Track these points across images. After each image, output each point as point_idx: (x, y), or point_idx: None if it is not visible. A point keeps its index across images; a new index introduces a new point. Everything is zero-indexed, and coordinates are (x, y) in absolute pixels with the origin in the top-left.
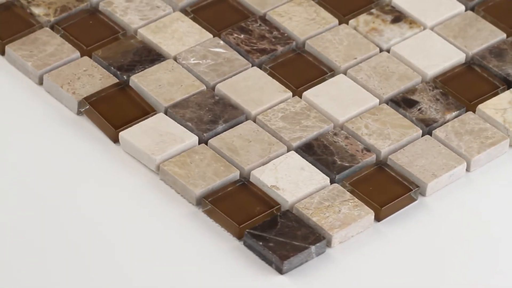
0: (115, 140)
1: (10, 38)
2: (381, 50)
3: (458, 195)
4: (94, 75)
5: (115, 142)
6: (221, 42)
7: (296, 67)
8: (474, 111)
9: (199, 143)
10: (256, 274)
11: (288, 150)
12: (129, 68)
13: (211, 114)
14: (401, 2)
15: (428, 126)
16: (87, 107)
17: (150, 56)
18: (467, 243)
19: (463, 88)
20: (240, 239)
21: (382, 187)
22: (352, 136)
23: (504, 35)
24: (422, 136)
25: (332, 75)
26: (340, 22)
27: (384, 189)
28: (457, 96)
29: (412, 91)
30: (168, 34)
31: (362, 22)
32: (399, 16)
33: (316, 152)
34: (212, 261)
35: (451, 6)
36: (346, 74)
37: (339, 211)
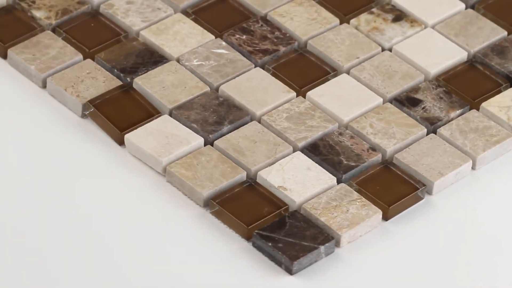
0: (120, 142)
1: (12, 42)
2: (383, 49)
3: (464, 193)
4: (98, 78)
5: (120, 145)
6: (223, 43)
7: (298, 67)
8: (478, 109)
9: (205, 144)
10: (266, 275)
11: (294, 151)
12: (132, 70)
13: (216, 115)
14: (401, 1)
15: (432, 125)
16: (92, 110)
17: (153, 58)
18: (475, 241)
19: (466, 86)
20: (249, 240)
21: (389, 186)
22: (357, 135)
23: (505, 33)
24: (427, 134)
25: (335, 75)
26: (341, 21)
27: (391, 188)
28: (460, 94)
29: (415, 89)
30: (170, 36)
31: (363, 22)
32: (400, 15)
33: (322, 152)
34: (221, 262)
35: (451, 4)
36: (349, 74)
37: (347, 211)
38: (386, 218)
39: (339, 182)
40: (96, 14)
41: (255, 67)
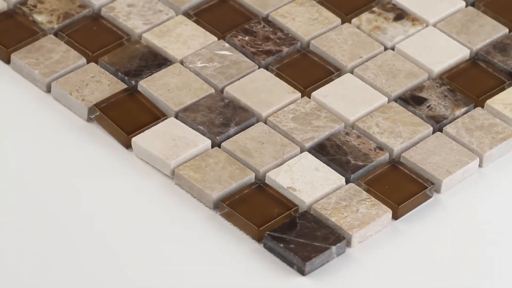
0: (127, 145)
1: (15, 47)
2: (385, 48)
3: (472, 191)
4: (102, 81)
5: (127, 148)
6: (226, 45)
7: (302, 67)
8: (482, 107)
9: (212, 146)
10: (278, 276)
11: (301, 151)
12: (136, 73)
13: (222, 117)
14: (401, 0)
15: (438, 123)
16: (98, 114)
17: (156, 60)
18: (484, 238)
19: (469, 84)
20: (260, 241)
21: (398, 185)
22: (364, 135)
23: (507, 30)
24: (433, 133)
25: (339, 75)
26: (342, 21)
27: (400, 187)
28: (464, 92)
29: (420, 88)
30: (172, 38)
31: (364, 21)
32: (401, 14)
33: (329, 152)
34: (233, 264)
35: (452, 2)
36: (352, 73)
37: (357, 210)
38: (395, 217)
39: (347, 182)
40: (98, 17)
41: (259, 68)
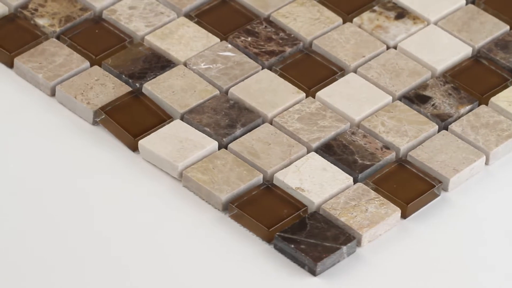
0: (134, 148)
1: (18, 51)
2: (388, 47)
3: (480, 189)
4: (107, 84)
5: (133, 151)
6: (229, 46)
7: (305, 67)
8: (486, 104)
9: (219, 148)
10: (289, 276)
11: (308, 151)
12: (140, 75)
13: (227, 119)
14: None
15: (443, 121)
16: (103, 117)
17: (160, 62)
18: (496, 235)
19: (473, 81)
20: (270, 242)
21: (405, 184)
22: (370, 134)
23: (508, 27)
24: (438, 131)
25: (342, 74)
26: (343, 20)
27: (408, 186)
28: (468, 90)
29: (424, 87)
30: (175, 40)
31: (366, 20)
32: (402, 12)
33: (336, 152)
34: (244, 265)
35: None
36: (356, 73)
37: (366, 210)
38: (404, 216)
39: (355, 181)
40: (99, 20)
41: (262, 68)
